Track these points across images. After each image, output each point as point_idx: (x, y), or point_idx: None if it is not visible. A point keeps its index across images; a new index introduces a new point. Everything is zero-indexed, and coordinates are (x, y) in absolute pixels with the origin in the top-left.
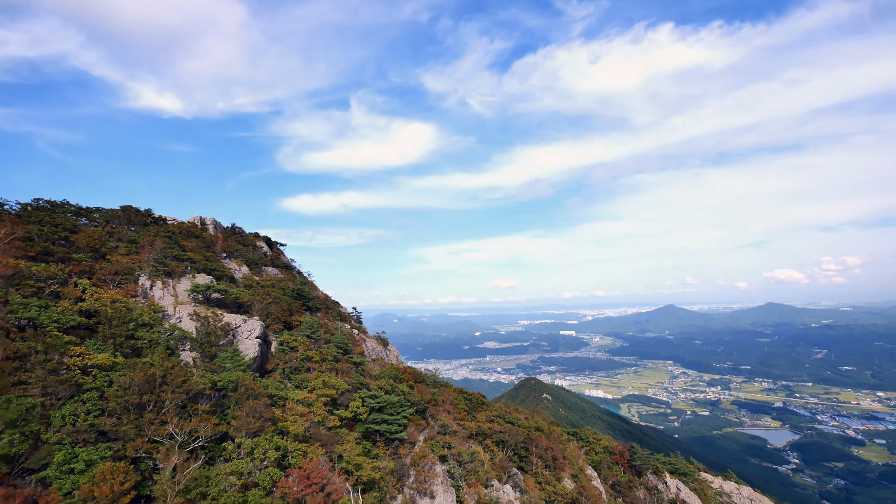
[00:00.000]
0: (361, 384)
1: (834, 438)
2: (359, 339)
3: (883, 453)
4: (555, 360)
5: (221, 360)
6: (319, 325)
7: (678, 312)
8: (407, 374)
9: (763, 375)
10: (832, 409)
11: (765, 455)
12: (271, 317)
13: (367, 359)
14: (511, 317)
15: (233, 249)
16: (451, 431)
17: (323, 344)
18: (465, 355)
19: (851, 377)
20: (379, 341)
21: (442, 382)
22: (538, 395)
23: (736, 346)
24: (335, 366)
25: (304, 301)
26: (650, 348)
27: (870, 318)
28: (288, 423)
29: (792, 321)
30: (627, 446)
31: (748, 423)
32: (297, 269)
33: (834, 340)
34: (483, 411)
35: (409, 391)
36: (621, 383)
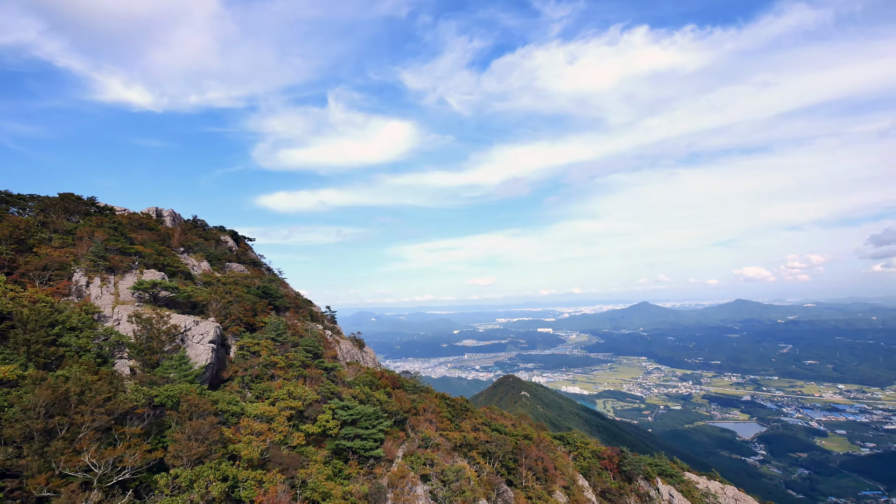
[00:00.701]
0: (333, 393)
1: (798, 430)
2: (332, 340)
3: (843, 443)
4: (532, 357)
5: (165, 370)
6: (287, 327)
7: (652, 309)
8: (384, 379)
9: (732, 370)
10: (797, 401)
11: (734, 447)
12: (230, 318)
13: (341, 363)
14: (489, 315)
15: (192, 244)
16: (434, 444)
17: (290, 347)
18: (443, 353)
19: (815, 371)
20: (354, 343)
21: (422, 387)
22: (516, 393)
23: (707, 341)
24: (303, 372)
25: (270, 300)
26: (625, 345)
27: (832, 313)
28: (241, 445)
29: (760, 317)
30: (616, 450)
31: (718, 416)
32: (267, 266)
33: (798, 335)
34: (467, 418)
35: (386, 400)
36: (597, 379)
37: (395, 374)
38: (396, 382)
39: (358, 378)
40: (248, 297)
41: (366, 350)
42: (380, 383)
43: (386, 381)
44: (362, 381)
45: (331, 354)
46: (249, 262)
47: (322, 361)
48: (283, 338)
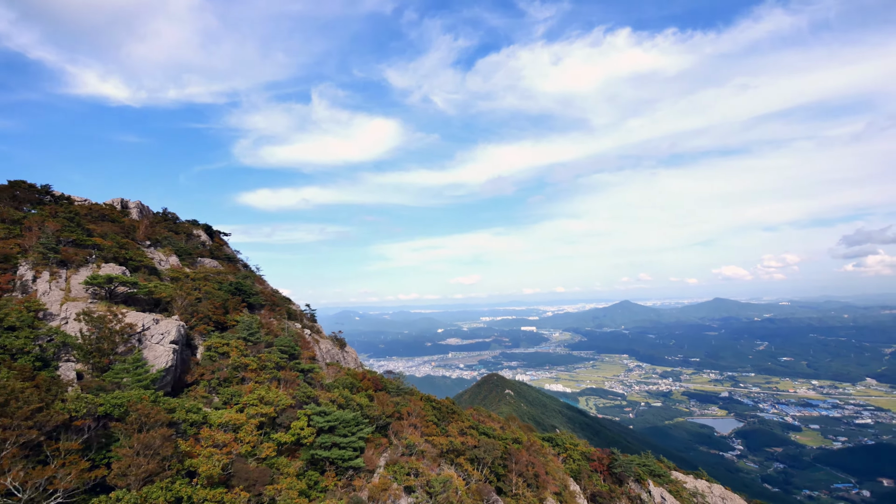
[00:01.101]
0: (309, 397)
1: (774, 425)
2: (310, 340)
3: (817, 438)
4: (516, 355)
5: (116, 374)
6: (261, 325)
7: (633, 308)
8: (366, 381)
9: (711, 367)
10: (772, 397)
11: (712, 442)
12: (198, 316)
13: (320, 364)
14: (473, 313)
15: (160, 237)
16: (419, 452)
17: (263, 348)
18: (427, 352)
19: (790, 367)
20: (335, 342)
21: (406, 389)
22: (500, 392)
23: (686, 339)
24: (277, 375)
25: (244, 297)
26: (607, 343)
27: (806, 311)
28: (200, 459)
29: (737, 315)
30: (607, 452)
31: (697, 412)
32: (243, 262)
33: (774, 333)
34: (454, 422)
35: (367, 404)
36: (580, 377)
37: (378, 374)
38: (379, 384)
39: (337, 380)
40: (219, 294)
41: (347, 350)
42: (361, 385)
43: (368, 382)
44: (342, 384)
45: (308, 355)
46: (224, 257)
47: (298, 363)
48: (256, 337)
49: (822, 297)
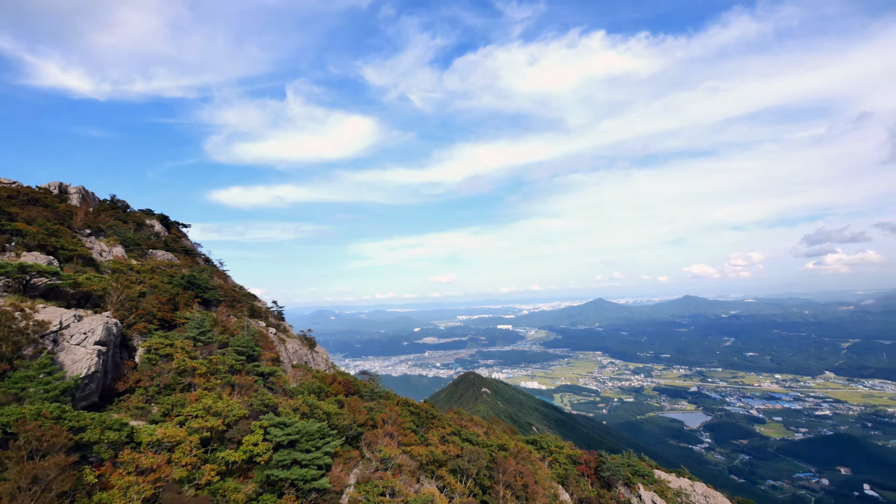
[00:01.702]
0: (267, 406)
1: (740, 418)
2: (275, 340)
3: (780, 429)
4: (492, 353)
5: (15, 383)
6: (215, 323)
7: (607, 305)
8: (336, 384)
9: (681, 363)
10: (738, 391)
11: (682, 436)
12: (138, 312)
13: (284, 366)
14: (450, 312)
15: (105, 226)
16: (395, 465)
17: (217, 349)
18: (404, 351)
19: (754, 362)
20: (304, 342)
21: (382, 392)
22: (477, 390)
23: (657, 336)
24: (231, 380)
25: (198, 291)
26: (581, 340)
27: (770, 308)
28: (113, 493)
29: (706, 312)
30: (594, 455)
31: (668, 407)
32: (205, 256)
33: (740, 329)
34: (434, 428)
35: (336, 411)
36: (555, 374)
37: (351, 377)
38: (351, 387)
39: (303, 384)
40: (168, 288)
41: (317, 350)
42: (330, 390)
43: (338, 386)
44: (308, 389)
45: (271, 356)
46: (181, 250)
47: (258, 365)
48: (208, 337)
49: (785, 294)
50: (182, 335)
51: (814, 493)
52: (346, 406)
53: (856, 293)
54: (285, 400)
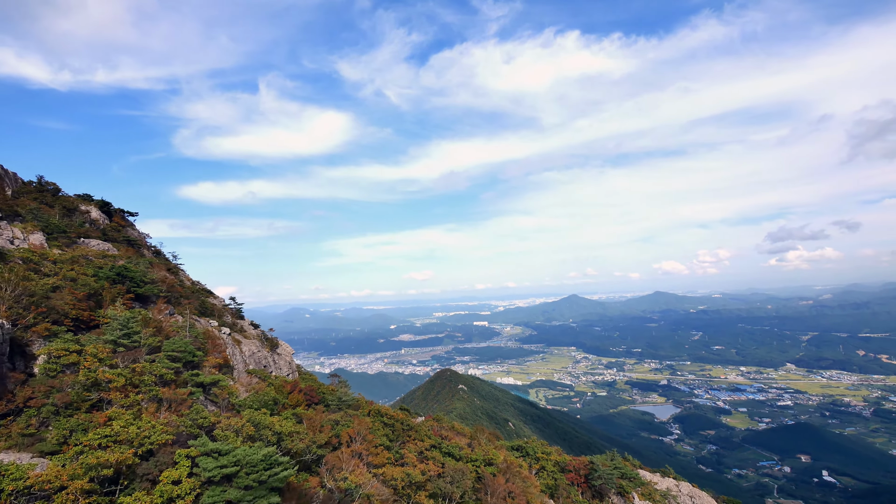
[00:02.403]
0: (202, 427)
1: (707, 410)
2: (227, 341)
3: (745, 420)
4: (469, 350)
5: None
6: (146, 323)
7: (581, 302)
8: (296, 393)
9: (651, 357)
10: (706, 383)
11: (652, 428)
12: (39, 310)
13: (238, 372)
14: (426, 309)
15: (24, 210)
16: (363, 496)
17: (145, 354)
18: (380, 349)
19: (721, 355)
20: (264, 342)
21: (351, 400)
22: (454, 387)
23: (629, 331)
24: (158, 393)
25: (131, 286)
26: (556, 336)
27: (735, 303)
28: None
29: (675, 308)
30: (584, 462)
31: (639, 400)
32: (154, 248)
33: (707, 323)
34: (411, 441)
35: (291, 429)
36: (530, 370)
37: (316, 382)
38: (314, 396)
39: (255, 396)
40: (89, 282)
41: (280, 351)
42: (287, 401)
43: (298, 396)
44: (259, 401)
45: (215, 362)
46: (124, 240)
47: (197, 374)
48: (134, 340)
49: (750, 289)
50: (98, 339)
51: (776, 481)
52: (305, 421)
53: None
54: (227, 418)
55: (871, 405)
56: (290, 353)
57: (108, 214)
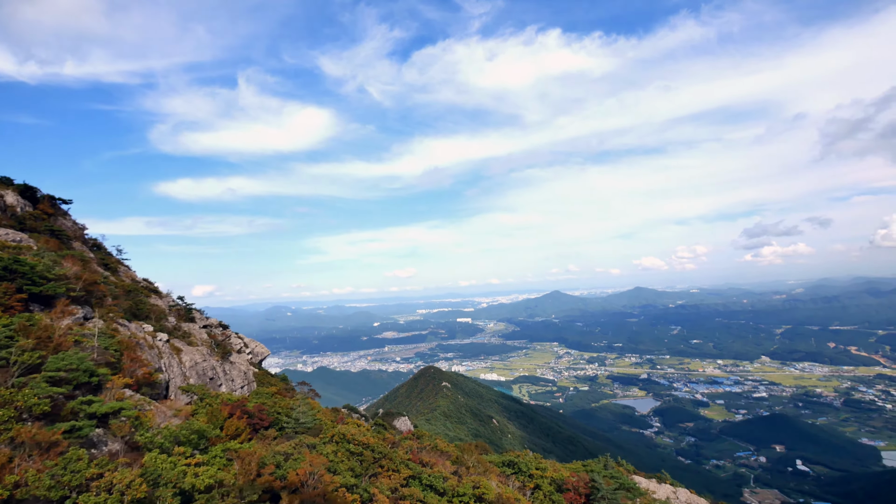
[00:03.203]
0: (68, 486)
1: (686, 402)
2: (163, 350)
3: (722, 412)
4: (452, 346)
5: None
6: (27, 332)
7: (563, 297)
8: (236, 419)
9: (632, 351)
10: (685, 377)
11: (633, 422)
12: None
13: (170, 391)
14: (410, 306)
15: None
16: None
17: (14, 377)
18: (363, 346)
19: (699, 349)
20: (214, 350)
21: (311, 422)
22: (437, 384)
23: (610, 326)
24: (15, 434)
25: (25, 283)
26: (539, 331)
27: (712, 298)
28: None
29: (654, 303)
30: (585, 480)
31: (620, 394)
32: (94, 241)
33: (686, 318)
34: (384, 474)
35: (211, 478)
36: (513, 366)
37: (270, 401)
38: (264, 418)
39: (169, 430)
40: None
41: (234, 360)
42: (221, 433)
43: (237, 423)
44: (176, 436)
45: (123, 383)
46: (46, 230)
47: (91, 401)
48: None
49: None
50: None
51: (753, 471)
52: (237, 463)
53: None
54: (114, 469)
55: (841, 395)
56: (246, 361)
57: (33, 201)
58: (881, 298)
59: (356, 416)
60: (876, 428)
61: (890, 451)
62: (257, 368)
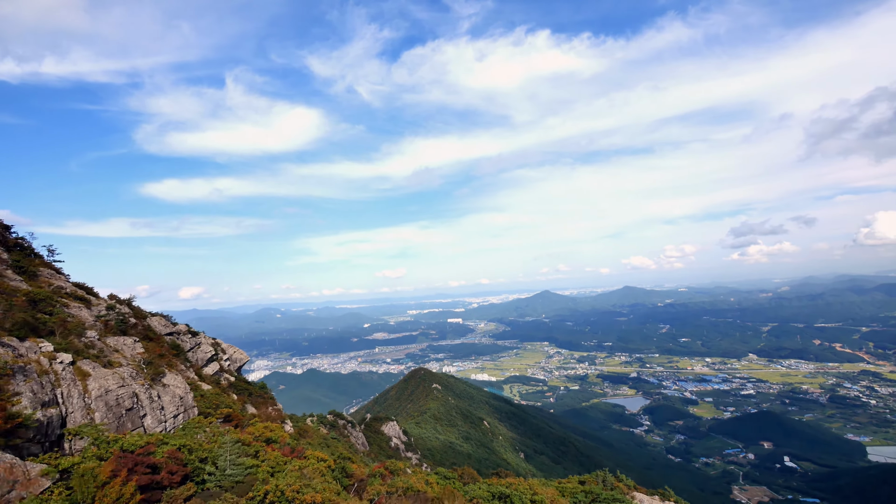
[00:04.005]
0: None
1: (676, 401)
2: (62, 376)
3: (711, 409)
4: (443, 347)
5: None
6: None
7: (553, 297)
8: (123, 478)
9: (622, 350)
10: (674, 375)
11: (623, 420)
12: None
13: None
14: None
15: None
16: None
17: None
18: (353, 348)
19: (687, 347)
20: (142, 370)
21: (240, 474)
22: (428, 386)
23: (600, 325)
24: None
25: None
26: (529, 331)
27: (700, 296)
28: None
29: (643, 302)
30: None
31: (610, 393)
32: (17, 240)
33: (674, 316)
34: None
35: None
36: (504, 366)
37: (196, 438)
38: (174, 471)
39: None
40: None
41: (168, 381)
42: (100, 500)
43: (125, 489)
44: None
45: None
46: None
47: None
48: None
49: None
50: None
51: (741, 468)
52: None
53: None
54: None
55: (826, 392)
56: (182, 382)
57: None
58: (864, 296)
59: (342, 422)
60: (861, 423)
61: (875, 447)
62: (233, 377)
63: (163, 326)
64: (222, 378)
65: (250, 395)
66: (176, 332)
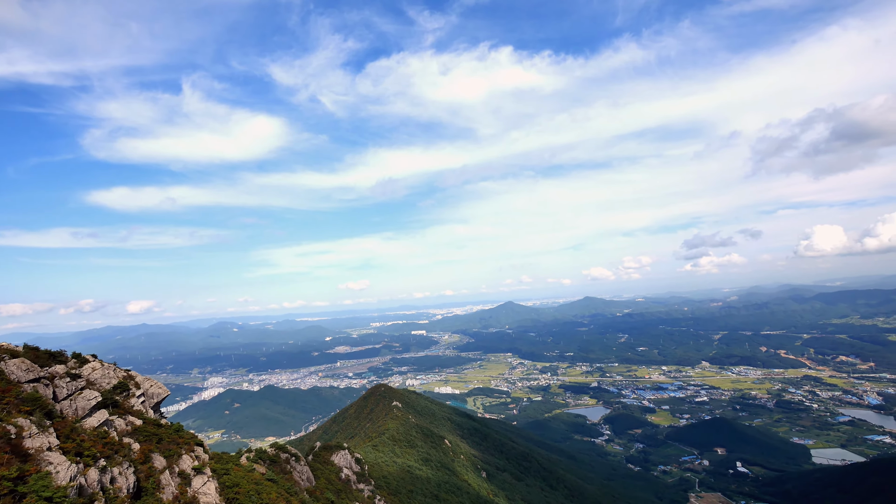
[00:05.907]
0: None
1: (634, 409)
2: None
3: (668, 417)
4: (406, 360)
5: None
6: None
7: (516, 308)
8: None
9: (583, 360)
10: (632, 384)
11: (585, 430)
12: None
13: None
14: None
15: None
16: None
17: None
18: (314, 362)
19: (645, 356)
20: None
21: None
22: (388, 404)
23: (562, 336)
24: None
25: None
26: (493, 342)
27: (656, 306)
28: None
29: (603, 312)
30: None
31: (572, 403)
32: None
33: (632, 326)
34: None
35: None
36: (468, 378)
37: None
38: None
39: None
40: None
41: None
42: None
43: None
44: None
45: None
46: None
47: None
48: None
49: (668, 292)
50: None
51: (697, 475)
52: None
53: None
54: None
55: (773, 397)
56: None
57: None
58: (804, 304)
59: (285, 455)
60: (805, 427)
61: (818, 449)
62: (141, 419)
63: (24, 371)
64: (114, 428)
65: (160, 442)
66: (46, 378)
